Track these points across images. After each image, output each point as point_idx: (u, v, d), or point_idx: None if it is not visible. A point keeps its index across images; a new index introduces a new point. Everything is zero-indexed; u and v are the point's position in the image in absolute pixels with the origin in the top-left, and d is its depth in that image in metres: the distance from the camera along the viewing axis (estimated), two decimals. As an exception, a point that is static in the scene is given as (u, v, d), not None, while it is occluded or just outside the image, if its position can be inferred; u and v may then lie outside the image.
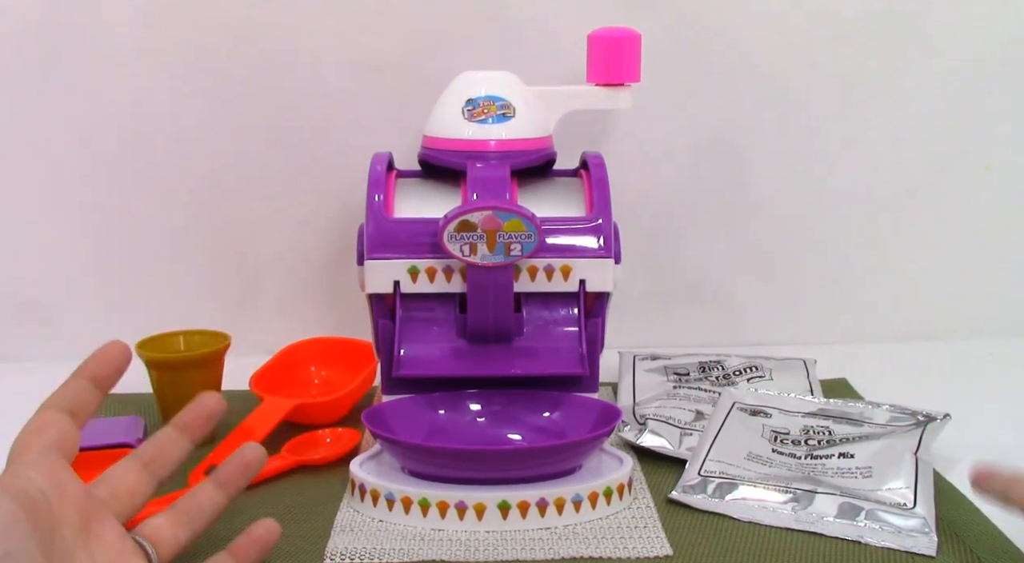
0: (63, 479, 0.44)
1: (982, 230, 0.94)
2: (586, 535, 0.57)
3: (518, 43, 0.87)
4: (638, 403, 0.73)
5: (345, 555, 0.55)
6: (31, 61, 0.86)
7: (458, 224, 0.62)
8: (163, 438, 0.52)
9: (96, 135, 0.88)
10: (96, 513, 0.45)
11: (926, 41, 0.90)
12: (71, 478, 0.45)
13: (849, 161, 0.92)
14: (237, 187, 0.90)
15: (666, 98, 0.88)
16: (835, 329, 0.95)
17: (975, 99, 0.91)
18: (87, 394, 0.48)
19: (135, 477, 0.49)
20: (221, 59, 0.86)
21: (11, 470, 0.43)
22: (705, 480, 0.61)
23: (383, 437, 0.60)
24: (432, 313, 0.66)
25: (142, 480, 0.50)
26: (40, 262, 0.91)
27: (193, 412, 0.52)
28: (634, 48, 0.72)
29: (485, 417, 0.67)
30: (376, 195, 0.66)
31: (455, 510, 0.57)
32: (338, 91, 0.87)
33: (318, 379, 0.81)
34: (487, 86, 0.68)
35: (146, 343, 0.71)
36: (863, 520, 0.56)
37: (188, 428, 0.52)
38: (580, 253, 0.66)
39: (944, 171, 0.93)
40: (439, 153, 0.68)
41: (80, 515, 0.44)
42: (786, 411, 0.68)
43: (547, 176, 0.72)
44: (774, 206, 0.93)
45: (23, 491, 0.40)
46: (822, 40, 0.89)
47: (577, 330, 0.66)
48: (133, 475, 0.50)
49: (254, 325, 0.89)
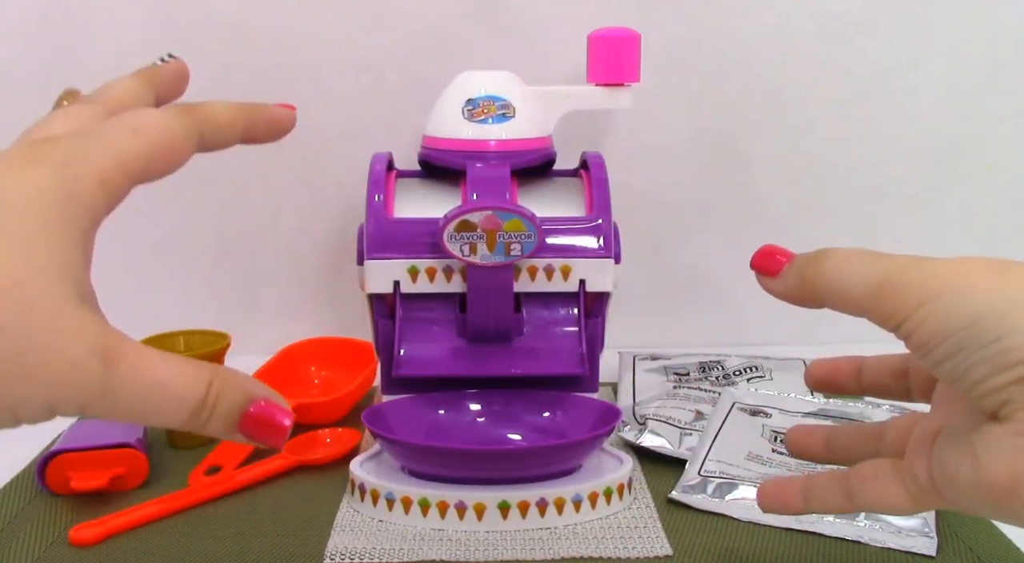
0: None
1: (982, 230, 0.94)
2: (586, 535, 0.57)
3: (518, 43, 0.87)
4: (638, 403, 0.73)
5: (345, 555, 0.55)
6: (31, 61, 0.86)
7: (458, 224, 0.62)
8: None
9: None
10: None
11: (926, 41, 0.90)
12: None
13: (849, 161, 0.92)
14: (237, 187, 0.90)
15: (666, 98, 0.88)
16: (835, 329, 0.95)
17: (975, 99, 0.91)
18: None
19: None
20: (221, 59, 0.86)
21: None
22: (705, 480, 0.61)
23: (383, 437, 0.60)
24: (432, 313, 0.66)
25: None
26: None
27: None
28: (634, 48, 0.72)
29: (485, 417, 0.67)
30: (376, 195, 0.66)
31: (455, 510, 0.57)
32: (338, 91, 0.87)
33: (318, 379, 0.81)
34: (487, 86, 0.68)
35: (146, 343, 0.71)
36: (863, 520, 0.56)
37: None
38: (580, 253, 0.66)
39: (944, 171, 0.93)
40: (439, 153, 0.68)
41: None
42: (786, 411, 0.68)
43: (547, 176, 0.72)
44: (774, 206, 0.93)
45: None
46: (822, 40, 0.89)
47: (577, 330, 0.66)
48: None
49: (254, 325, 0.88)
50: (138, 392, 0.33)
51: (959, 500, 0.40)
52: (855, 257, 0.40)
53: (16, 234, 0.32)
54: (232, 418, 0.35)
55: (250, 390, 0.36)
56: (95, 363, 0.32)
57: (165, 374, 0.34)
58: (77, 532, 0.57)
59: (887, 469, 0.43)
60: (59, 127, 0.37)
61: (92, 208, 0.34)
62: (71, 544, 0.57)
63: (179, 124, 0.37)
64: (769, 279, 0.43)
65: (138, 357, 0.34)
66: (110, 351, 0.33)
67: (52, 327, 0.31)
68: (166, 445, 0.71)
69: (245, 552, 0.56)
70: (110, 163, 0.34)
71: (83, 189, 0.33)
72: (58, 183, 0.33)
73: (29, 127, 0.38)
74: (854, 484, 0.44)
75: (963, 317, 0.37)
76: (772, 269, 0.43)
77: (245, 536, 0.57)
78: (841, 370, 0.49)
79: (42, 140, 0.35)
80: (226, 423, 0.35)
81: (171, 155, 0.37)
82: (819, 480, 0.46)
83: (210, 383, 0.35)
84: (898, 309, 0.38)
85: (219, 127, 0.39)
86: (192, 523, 0.59)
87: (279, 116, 0.43)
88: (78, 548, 0.56)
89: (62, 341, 0.32)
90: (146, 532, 0.58)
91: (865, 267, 0.40)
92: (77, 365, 0.32)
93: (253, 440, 0.36)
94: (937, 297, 0.37)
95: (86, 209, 0.34)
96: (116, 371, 0.33)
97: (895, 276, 0.39)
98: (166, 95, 0.42)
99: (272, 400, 0.36)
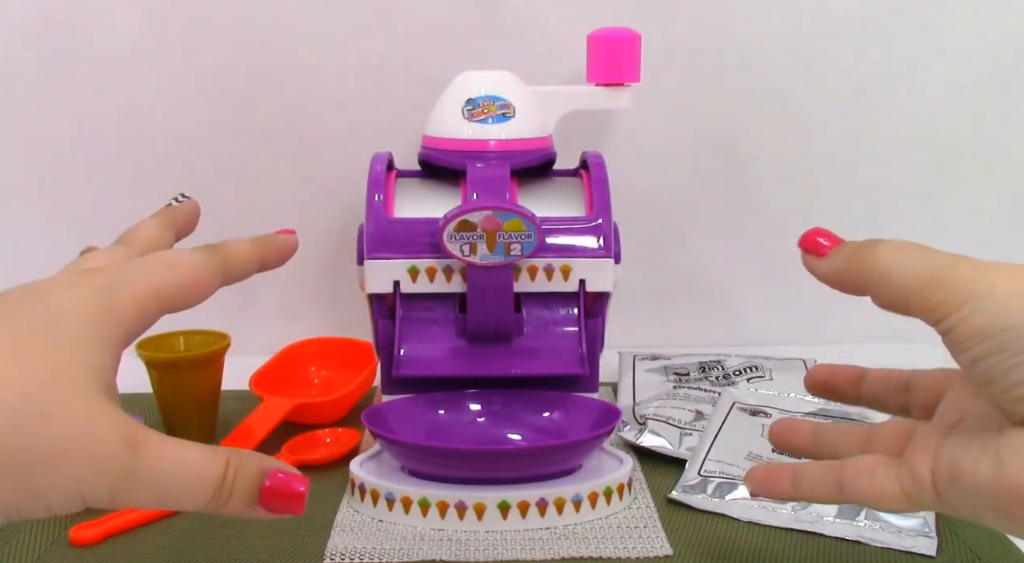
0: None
1: (982, 230, 0.94)
2: (586, 535, 0.57)
3: (518, 43, 0.87)
4: (638, 403, 0.73)
5: (345, 555, 0.55)
6: (31, 61, 0.86)
7: (458, 224, 0.62)
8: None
9: (96, 135, 0.88)
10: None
11: (927, 42, 0.90)
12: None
13: (849, 161, 0.92)
14: (237, 187, 0.90)
15: (666, 98, 0.88)
16: (835, 329, 0.95)
17: (975, 99, 0.91)
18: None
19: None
20: (221, 59, 0.86)
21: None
22: (705, 480, 0.61)
23: (383, 437, 0.60)
24: (432, 313, 0.66)
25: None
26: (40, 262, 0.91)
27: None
28: (634, 48, 0.72)
29: (485, 417, 0.67)
30: (376, 195, 0.66)
31: (455, 510, 0.57)
32: (338, 91, 0.87)
33: (318, 379, 0.81)
34: (487, 86, 0.68)
35: (146, 343, 0.71)
36: (863, 520, 0.56)
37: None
38: (580, 253, 0.66)
39: (944, 171, 0.93)
40: (439, 153, 0.68)
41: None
42: (786, 411, 0.68)
43: (547, 176, 0.72)
44: (774, 206, 0.93)
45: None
46: (822, 40, 0.89)
47: (577, 330, 0.66)
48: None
49: (254, 325, 0.88)
50: (164, 474, 0.36)
51: (960, 501, 0.40)
52: (909, 247, 0.41)
53: (60, 336, 0.36)
54: (252, 492, 0.37)
55: (264, 463, 0.38)
56: (122, 448, 0.35)
57: (186, 456, 0.37)
58: (77, 532, 0.57)
59: (883, 465, 0.43)
60: (99, 262, 0.42)
61: (125, 326, 0.38)
62: (71, 544, 0.57)
63: (207, 262, 0.42)
64: (815, 259, 0.44)
65: (160, 442, 0.36)
66: (134, 437, 0.36)
67: (84, 416, 0.35)
68: (166, 445, 0.71)
69: (245, 552, 0.56)
70: (146, 291, 0.39)
71: (119, 309, 0.38)
72: (99, 301, 0.37)
73: (72, 261, 0.43)
74: (847, 476, 0.44)
75: (1011, 318, 0.37)
76: (820, 250, 0.44)
77: (245, 536, 0.57)
78: (842, 377, 0.50)
79: (87, 270, 0.40)
80: (247, 497, 0.37)
81: (199, 288, 0.41)
82: (810, 468, 0.46)
83: (227, 461, 0.37)
84: (945, 301, 0.39)
85: (239, 263, 0.45)
86: (192, 523, 0.59)
87: (285, 245, 0.49)
88: (78, 548, 0.56)
89: (93, 428, 0.35)
90: (146, 532, 0.58)
91: (918, 258, 0.40)
92: (106, 449, 0.35)
93: (274, 512, 0.38)
94: (986, 296, 0.38)
95: (119, 326, 0.38)
96: (142, 455, 0.35)
97: (947, 270, 0.39)
98: (183, 231, 0.48)
99: (286, 470, 0.39)
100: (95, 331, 0.37)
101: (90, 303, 0.37)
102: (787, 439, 0.51)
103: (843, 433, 0.49)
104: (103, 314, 0.37)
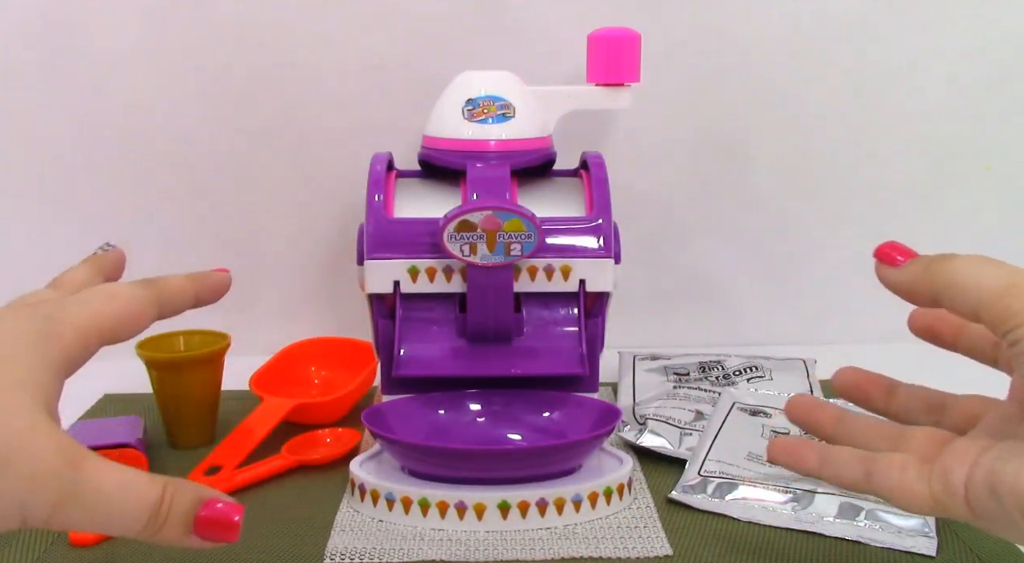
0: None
1: (982, 230, 0.94)
2: (586, 535, 0.57)
3: (518, 43, 0.87)
4: (638, 403, 0.73)
5: (345, 555, 0.55)
6: (31, 61, 0.86)
7: (458, 224, 0.62)
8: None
9: (96, 135, 0.88)
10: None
11: (927, 42, 0.90)
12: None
13: (849, 161, 0.92)
14: (237, 187, 0.90)
15: (666, 98, 0.88)
16: (835, 329, 0.95)
17: (975, 99, 0.91)
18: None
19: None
20: (221, 59, 0.86)
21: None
22: (705, 480, 0.61)
23: (383, 437, 0.60)
24: (432, 313, 0.66)
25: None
26: (39, 262, 0.91)
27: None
28: (634, 48, 0.72)
29: (485, 417, 0.67)
30: (376, 195, 0.66)
31: (455, 510, 0.57)
32: (338, 91, 0.87)
33: (318, 379, 0.81)
34: (487, 86, 0.68)
35: (146, 343, 0.71)
36: (863, 520, 0.56)
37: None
38: (580, 253, 0.66)
39: (944, 171, 0.93)
40: (439, 153, 0.68)
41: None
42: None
43: (547, 176, 0.72)
44: (774, 206, 0.93)
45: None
46: (822, 40, 0.89)
47: (577, 330, 0.66)
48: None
49: (254, 325, 0.88)
50: (103, 494, 0.37)
51: (995, 512, 0.40)
52: (985, 260, 0.42)
53: (2, 356, 0.38)
54: (187, 519, 0.39)
55: (201, 493, 0.39)
56: (63, 465, 0.36)
57: (126, 478, 0.38)
58: (77, 532, 0.57)
59: (915, 465, 0.44)
60: (36, 300, 0.43)
61: (68, 352, 0.40)
62: (71, 544, 0.57)
63: (144, 295, 0.44)
64: (889, 268, 0.44)
65: (100, 464, 0.37)
66: (75, 456, 0.37)
67: (26, 428, 0.36)
68: (166, 445, 0.71)
69: (245, 552, 0.56)
70: (87, 320, 0.41)
71: (62, 334, 0.40)
72: (41, 328, 0.39)
73: (11, 301, 0.44)
74: (879, 467, 0.44)
75: None
76: (895, 262, 0.44)
77: (245, 536, 0.57)
78: (875, 383, 0.50)
79: (30, 303, 0.42)
80: (182, 523, 0.39)
81: (136, 319, 0.43)
82: (840, 451, 0.47)
83: (164, 486, 0.38)
84: (1020, 312, 0.39)
85: (174, 297, 0.46)
86: (192, 523, 0.59)
87: (219, 282, 0.50)
88: (78, 548, 0.56)
89: (35, 442, 0.36)
90: (146, 532, 0.58)
91: (995, 270, 0.41)
92: (47, 465, 0.36)
93: (208, 540, 0.39)
94: None
95: (62, 351, 0.40)
96: (82, 473, 0.37)
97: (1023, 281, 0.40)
98: (110, 277, 0.49)
99: (223, 499, 0.40)
100: (38, 353, 0.38)
101: (33, 328, 0.39)
102: (809, 411, 0.51)
103: (871, 427, 0.49)
104: (46, 339, 0.39)
